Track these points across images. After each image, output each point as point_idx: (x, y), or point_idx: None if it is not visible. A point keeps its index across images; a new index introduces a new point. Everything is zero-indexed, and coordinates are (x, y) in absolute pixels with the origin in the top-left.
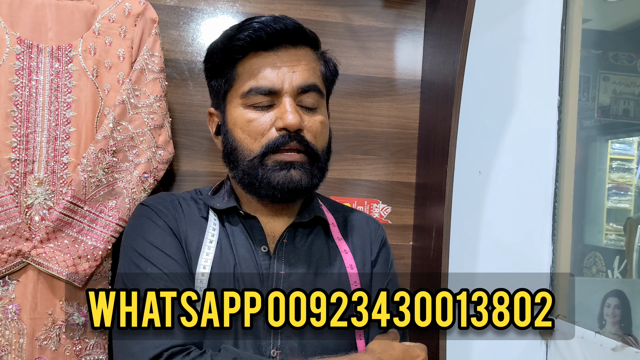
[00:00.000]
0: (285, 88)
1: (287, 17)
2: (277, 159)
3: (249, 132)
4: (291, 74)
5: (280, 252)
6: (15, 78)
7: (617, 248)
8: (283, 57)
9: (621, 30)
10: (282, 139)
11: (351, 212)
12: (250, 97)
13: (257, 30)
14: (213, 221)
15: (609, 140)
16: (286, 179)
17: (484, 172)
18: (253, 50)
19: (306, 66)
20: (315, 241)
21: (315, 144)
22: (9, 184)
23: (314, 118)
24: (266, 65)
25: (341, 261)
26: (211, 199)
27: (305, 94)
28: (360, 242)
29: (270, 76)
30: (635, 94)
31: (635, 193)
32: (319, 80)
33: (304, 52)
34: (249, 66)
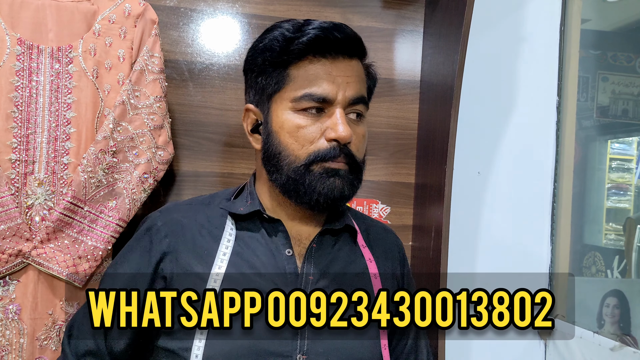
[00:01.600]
0: (339, 98)
1: (347, 27)
2: (324, 166)
3: (296, 137)
4: (345, 85)
5: (310, 257)
6: (15, 79)
7: (616, 248)
8: (339, 66)
9: (620, 31)
10: (333, 150)
11: (371, 221)
12: (302, 102)
13: (320, 36)
14: (229, 230)
15: (608, 140)
16: (332, 186)
17: (483, 173)
18: (310, 55)
19: (358, 78)
20: (342, 248)
21: (358, 155)
22: (10, 184)
23: (358, 131)
24: (322, 73)
25: (366, 269)
26: (232, 204)
27: (354, 106)
28: (383, 252)
29: (325, 85)
30: (634, 94)
31: (634, 193)
32: (366, 93)
33: (356, 63)
34: (305, 71)
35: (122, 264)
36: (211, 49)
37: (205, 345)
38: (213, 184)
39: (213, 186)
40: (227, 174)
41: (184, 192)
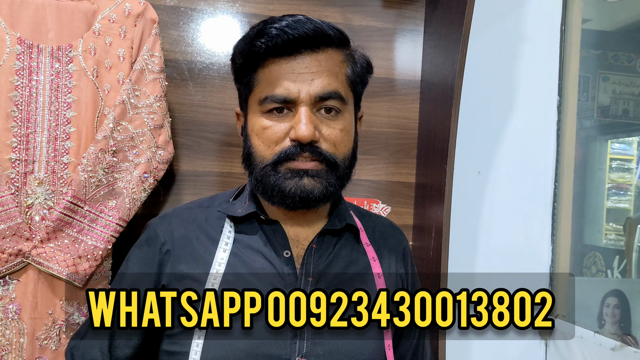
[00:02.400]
0: (302, 97)
1: (308, 20)
2: (289, 167)
3: (263, 139)
4: (309, 82)
5: (309, 259)
6: (15, 78)
7: (616, 248)
8: (303, 63)
9: (621, 31)
10: (294, 149)
11: (376, 218)
12: (266, 104)
13: (274, 36)
14: (227, 233)
15: (608, 140)
16: (297, 187)
17: (484, 172)
18: (271, 56)
19: (327, 72)
20: (344, 247)
21: (335, 152)
22: (9, 183)
23: (333, 126)
24: (284, 73)
25: (369, 269)
26: (231, 206)
27: (325, 102)
28: (388, 250)
29: (287, 84)
30: (635, 94)
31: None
32: (343, 85)
33: (326, 55)
34: (268, 72)
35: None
36: (211, 49)
37: (203, 348)
38: (213, 184)
39: (213, 185)
40: (226, 173)
41: (184, 192)
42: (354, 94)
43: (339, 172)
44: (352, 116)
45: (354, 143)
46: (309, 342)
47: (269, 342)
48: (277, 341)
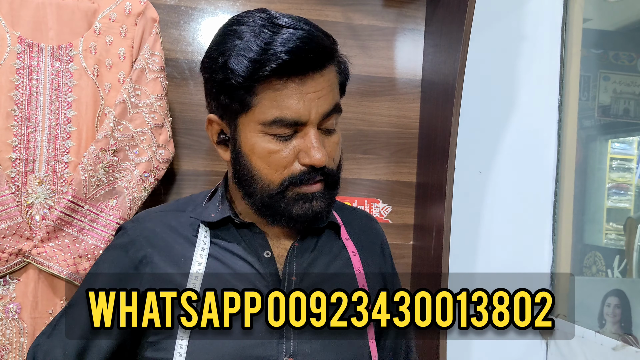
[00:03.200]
0: (312, 118)
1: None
2: (298, 192)
3: (269, 162)
4: (317, 102)
5: (292, 257)
6: (15, 77)
7: (617, 247)
8: (310, 83)
9: (622, 30)
10: (308, 175)
11: (353, 210)
12: (272, 127)
13: (285, 61)
14: (203, 238)
15: (609, 139)
16: (308, 210)
17: (484, 172)
18: (277, 76)
19: (330, 87)
20: (325, 244)
21: (334, 166)
22: (10, 183)
23: (331, 140)
24: (291, 94)
25: (350, 264)
26: (204, 210)
27: (328, 119)
28: (367, 243)
29: (296, 106)
30: (636, 93)
31: (635, 193)
32: (338, 95)
33: (328, 70)
34: (272, 93)
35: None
36: None
37: (187, 351)
38: (213, 183)
39: (213, 185)
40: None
41: (184, 191)
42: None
43: (337, 187)
44: None
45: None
46: (296, 341)
47: (255, 343)
48: (263, 342)
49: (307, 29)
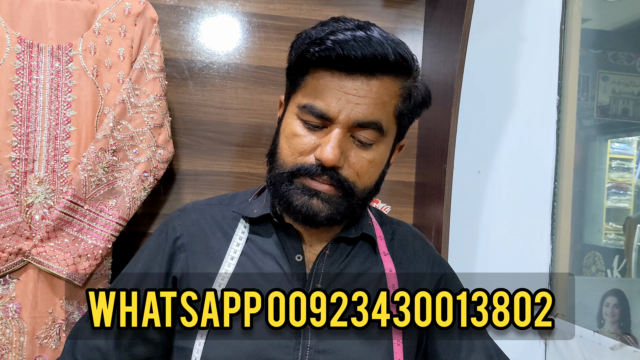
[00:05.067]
0: (340, 118)
1: (371, 40)
2: (304, 183)
3: (290, 145)
4: (353, 105)
5: (320, 264)
6: (15, 77)
7: (616, 247)
8: (354, 84)
9: (620, 30)
10: (315, 168)
11: (398, 225)
12: (303, 112)
13: (329, 49)
14: (240, 234)
15: (608, 139)
16: (305, 205)
17: (483, 172)
18: (324, 66)
19: (376, 100)
20: (358, 256)
21: (356, 181)
22: (10, 183)
23: (363, 155)
24: (331, 87)
25: (383, 278)
26: (248, 206)
27: (362, 130)
28: (407, 259)
29: (329, 100)
30: (635, 93)
31: (634, 192)
32: (387, 117)
33: (380, 82)
34: (316, 81)
35: (137, 263)
36: (211, 48)
37: (204, 347)
38: (213, 183)
39: (213, 185)
40: (227, 172)
41: (184, 191)
42: (398, 127)
43: (353, 200)
44: (389, 147)
45: (380, 175)
46: (312, 350)
47: (271, 345)
48: (280, 344)
49: (373, 34)
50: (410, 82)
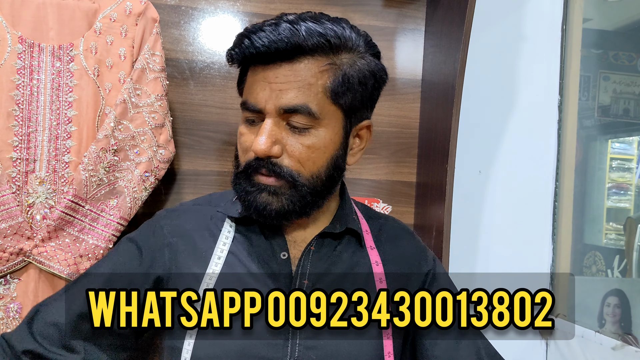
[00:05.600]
0: (268, 107)
1: (282, 30)
2: (253, 179)
3: (240, 145)
4: (277, 93)
5: (306, 261)
6: (16, 77)
7: (617, 247)
8: (275, 73)
9: (622, 30)
10: (254, 162)
11: (385, 220)
12: (243, 111)
13: (245, 47)
14: (227, 233)
15: (609, 139)
16: (255, 201)
17: (484, 172)
18: (251, 64)
19: (299, 84)
20: (345, 251)
21: (300, 169)
22: (11, 182)
23: (301, 141)
24: (258, 80)
25: (370, 271)
26: (232, 206)
27: (292, 115)
28: (395, 253)
29: (257, 92)
30: (636, 93)
31: (635, 192)
32: (317, 99)
33: (303, 65)
34: (249, 79)
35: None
36: (212, 48)
37: (194, 346)
38: (213, 183)
39: (213, 185)
40: (227, 172)
41: (185, 191)
42: (338, 106)
43: (302, 191)
44: (335, 130)
45: (332, 159)
46: (301, 346)
47: (260, 343)
48: (268, 343)
49: (292, 21)
50: (343, 59)
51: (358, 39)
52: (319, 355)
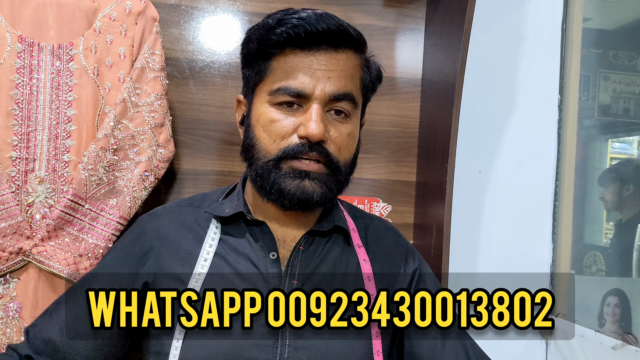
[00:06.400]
0: (316, 94)
1: (331, 17)
2: (293, 166)
3: (269, 132)
4: (325, 80)
5: (296, 260)
6: (16, 76)
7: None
8: (321, 59)
9: (621, 29)
10: (302, 147)
11: (371, 219)
12: (278, 95)
13: (296, 26)
14: (212, 235)
15: (609, 139)
16: (298, 188)
17: (485, 171)
18: (290, 46)
19: (345, 72)
20: (333, 249)
21: (339, 156)
22: (10, 182)
23: (341, 129)
24: (301, 66)
25: (359, 270)
26: (220, 206)
27: (338, 103)
28: (381, 252)
29: (303, 78)
30: (636, 93)
31: None
32: (356, 88)
33: (345, 55)
34: (284, 63)
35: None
36: (212, 47)
37: (181, 349)
38: (213, 182)
39: (213, 184)
40: (227, 172)
41: (185, 190)
42: (363, 100)
43: (340, 176)
44: (358, 121)
45: (357, 148)
46: (291, 347)
47: (250, 344)
48: (258, 343)
49: (324, 11)
50: (367, 55)
51: None
52: (308, 355)
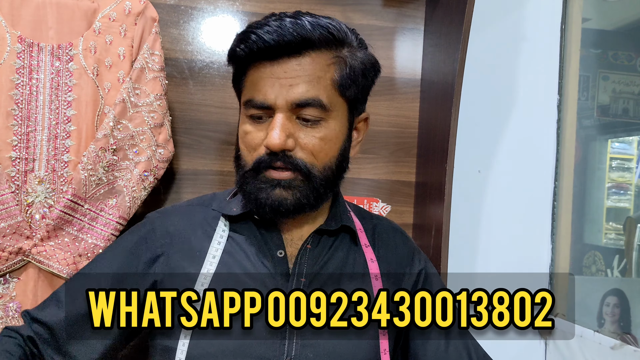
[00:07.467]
0: (279, 103)
1: (288, 24)
2: (266, 175)
3: (245, 144)
4: (287, 88)
5: (303, 258)
6: (15, 77)
7: (616, 247)
8: (282, 68)
9: (621, 30)
10: (268, 157)
11: (378, 219)
12: (249, 108)
13: (252, 43)
14: (221, 232)
15: (608, 139)
16: (269, 197)
17: (484, 171)
18: (254, 61)
19: (309, 77)
20: (340, 248)
21: (313, 161)
22: (10, 182)
23: (313, 134)
24: (264, 78)
25: (366, 269)
26: (227, 205)
27: (302, 110)
28: (388, 252)
29: (265, 90)
30: (635, 93)
31: (634, 192)
32: (327, 91)
33: (309, 59)
34: (251, 76)
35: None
36: (211, 47)
37: (188, 347)
38: (212, 182)
39: (212, 184)
40: (226, 172)
41: (184, 190)
42: (345, 99)
43: (315, 182)
44: (342, 122)
45: (341, 150)
46: (298, 344)
47: (257, 342)
48: (265, 341)
49: (292, 16)
50: (345, 52)
51: (351, 33)
52: (315, 353)
